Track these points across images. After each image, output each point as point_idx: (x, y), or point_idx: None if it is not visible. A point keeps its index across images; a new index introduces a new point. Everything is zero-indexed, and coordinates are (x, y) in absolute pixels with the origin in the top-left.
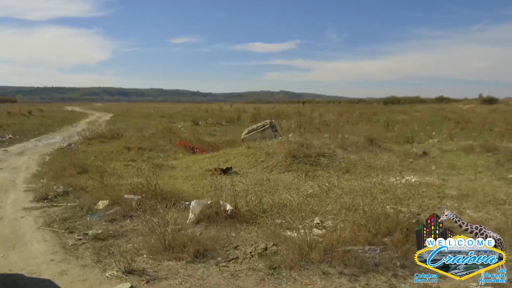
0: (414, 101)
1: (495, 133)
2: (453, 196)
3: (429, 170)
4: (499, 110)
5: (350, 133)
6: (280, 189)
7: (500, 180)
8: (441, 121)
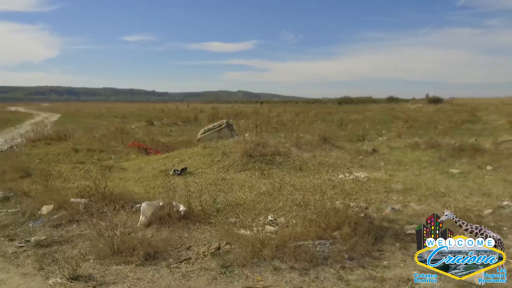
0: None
1: (439, 130)
2: (398, 190)
3: (378, 166)
4: (444, 109)
5: (305, 132)
6: (235, 188)
7: (442, 175)
8: (390, 120)
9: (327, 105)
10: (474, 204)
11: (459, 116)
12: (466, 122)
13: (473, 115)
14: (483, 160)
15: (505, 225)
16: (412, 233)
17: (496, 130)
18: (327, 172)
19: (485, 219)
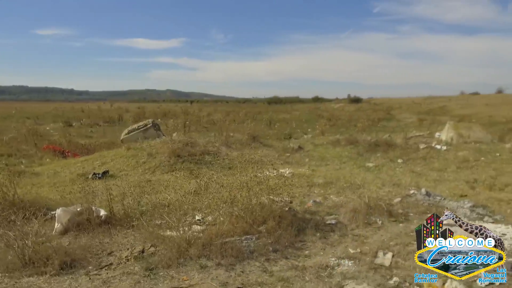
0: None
1: (358, 128)
2: (320, 184)
3: (303, 163)
4: (363, 109)
5: (235, 132)
6: (162, 189)
7: (360, 168)
8: (316, 119)
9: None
10: (386, 194)
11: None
12: (382, 120)
13: (388, 114)
14: (395, 154)
15: (411, 212)
16: (331, 223)
17: (408, 126)
18: (253, 169)
19: (394, 207)
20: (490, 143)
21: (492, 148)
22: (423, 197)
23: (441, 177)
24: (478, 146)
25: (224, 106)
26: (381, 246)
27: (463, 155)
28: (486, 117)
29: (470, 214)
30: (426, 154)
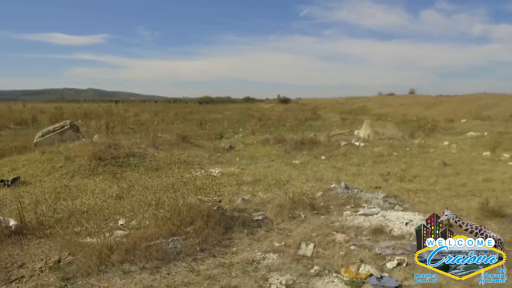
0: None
1: (286, 127)
2: (248, 182)
3: (234, 162)
4: (291, 109)
5: (164, 132)
6: (82, 195)
7: (287, 166)
8: (247, 118)
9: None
10: (309, 188)
11: (304, 114)
12: (309, 119)
13: (314, 113)
14: (319, 151)
15: (332, 204)
16: (259, 219)
17: (332, 125)
18: (179, 169)
19: (317, 200)
20: (401, 139)
21: (403, 144)
22: (342, 190)
23: (359, 171)
24: (391, 142)
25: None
26: (304, 238)
27: (378, 150)
28: (400, 115)
29: (383, 204)
30: (347, 150)
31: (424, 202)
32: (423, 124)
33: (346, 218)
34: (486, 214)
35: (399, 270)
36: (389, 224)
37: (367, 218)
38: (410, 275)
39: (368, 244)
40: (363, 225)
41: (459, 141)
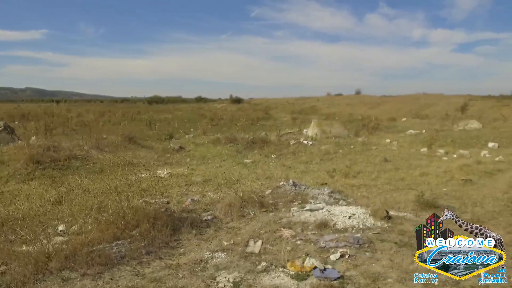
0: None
1: (238, 127)
2: (198, 182)
3: (184, 162)
4: (244, 108)
5: (110, 133)
6: (16, 200)
7: (238, 165)
8: (198, 118)
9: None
10: (259, 187)
11: (256, 114)
12: (261, 119)
13: (266, 113)
14: (269, 150)
15: (280, 201)
16: (208, 219)
17: (283, 125)
18: (123, 171)
19: (266, 198)
20: (347, 138)
21: (348, 142)
22: (290, 188)
23: (307, 168)
24: (337, 140)
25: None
26: (253, 235)
27: (325, 148)
28: (347, 115)
29: (329, 199)
30: (296, 149)
31: (366, 196)
32: (367, 123)
33: (293, 214)
34: (421, 205)
35: (342, 261)
36: (333, 218)
37: (313, 214)
38: (352, 265)
39: (314, 238)
40: (309, 220)
41: (400, 138)
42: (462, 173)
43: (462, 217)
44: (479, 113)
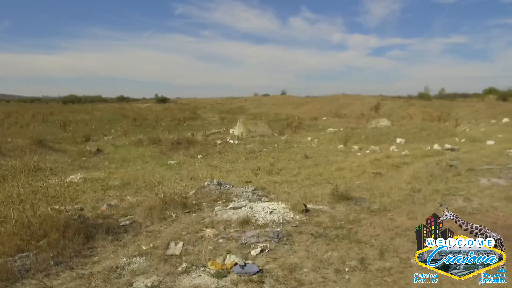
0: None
1: (163, 127)
2: (116, 186)
3: (102, 166)
4: (170, 108)
5: (17, 136)
6: None
7: (162, 166)
8: (120, 119)
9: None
10: (183, 188)
11: (183, 114)
12: (188, 119)
13: (194, 113)
14: (195, 150)
15: (204, 201)
16: (126, 224)
17: (211, 125)
18: (27, 177)
19: (189, 199)
20: (271, 136)
21: (273, 140)
22: (215, 187)
23: (233, 167)
24: (262, 139)
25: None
26: (174, 237)
27: (250, 147)
28: (273, 114)
29: (252, 196)
30: (222, 148)
31: (288, 192)
32: (291, 122)
33: (216, 213)
34: (336, 198)
35: (262, 256)
36: (255, 215)
37: (236, 211)
38: (271, 259)
39: (236, 236)
40: (232, 218)
41: (320, 136)
42: (373, 166)
43: (371, 207)
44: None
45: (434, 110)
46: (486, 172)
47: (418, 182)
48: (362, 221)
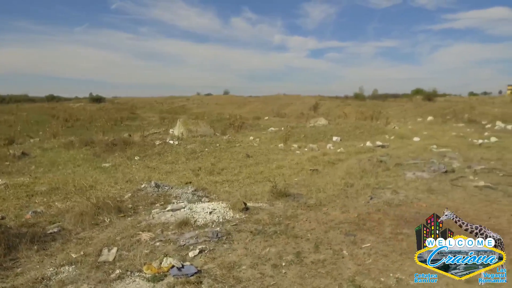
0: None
1: (98, 128)
2: (43, 192)
3: (27, 171)
4: (106, 108)
5: None
6: None
7: (96, 170)
8: (49, 120)
9: None
10: (117, 191)
11: (120, 114)
12: (126, 119)
13: (132, 113)
14: (132, 152)
15: (141, 204)
16: (53, 232)
17: (151, 125)
18: None
19: (124, 203)
20: (213, 136)
21: (214, 140)
22: (153, 189)
23: (173, 168)
24: (204, 139)
25: None
26: (107, 243)
27: (191, 147)
28: (216, 114)
29: (192, 197)
30: (161, 149)
31: (228, 191)
32: (233, 122)
33: (153, 216)
34: (275, 195)
35: (201, 256)
36: (194, 216)
37: (175, 213)
38: (210, 259)
39: (174, 238)
40: (170, 220)
41: (262, 135)
42: (311, 164)
43: (308, 202)
44: (327, 111)
45: (368, 109)
46: (412, 167)
47: (351, 178)
48: (299, 216)
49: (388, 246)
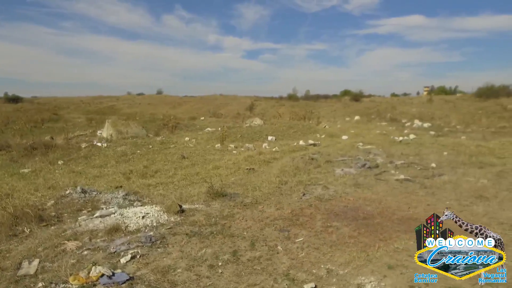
0: None
1: (14, 131)
2: None
3: None
4: (25, 109)
5: None
6: None
7: (12, 176)
8: None
9: None
10: (38, 199)
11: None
12: (48, 121)
13: (55, 114)
14: (55, 156)
15: (65, 212)
16: None
17: (77, 126)
18: None
19: (47, 211)
20: (145, 137)
21: (147, 142)
22: (79, 195)
23: (101, 172)
24: (135, 141)
25: None
26: (27, 255)
27: (121, 150)
28: (149, 114)
29: (123, 202)
30: (88, 152)
31: (163, 194)
32: (167, 122)
33: (80, 224)
34: (212, 195)
35: (133, 263)
36: (126, 221)
37: (104, 220)
38: (143, 264)
39: (103, 245)
40: (99, 227)
41: (198, 136)
42: (247, 163)
43: (244, 201)
44: (263, 111)
45: (300, 109)
46: (341, 163)
47: (285, 175)
48: (236, 215)
49: (319, 239)
